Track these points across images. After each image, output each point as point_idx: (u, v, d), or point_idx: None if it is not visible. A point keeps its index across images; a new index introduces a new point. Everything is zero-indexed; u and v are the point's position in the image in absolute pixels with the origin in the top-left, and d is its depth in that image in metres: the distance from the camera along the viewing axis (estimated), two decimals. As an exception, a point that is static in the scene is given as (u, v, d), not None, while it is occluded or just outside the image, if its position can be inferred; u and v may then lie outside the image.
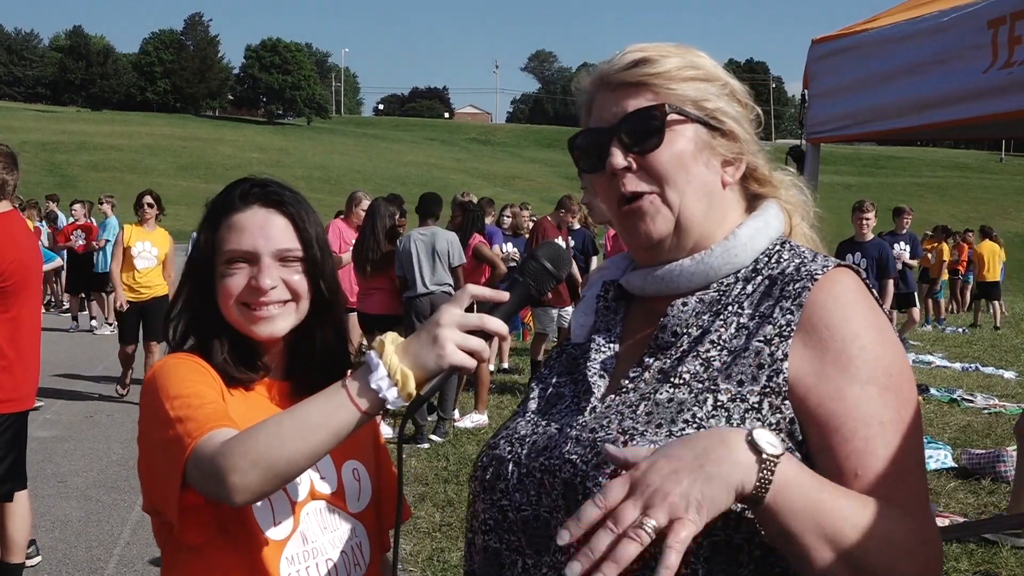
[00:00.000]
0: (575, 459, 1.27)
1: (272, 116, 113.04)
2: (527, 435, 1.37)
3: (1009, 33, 2.88)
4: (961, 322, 19.67)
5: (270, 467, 1.33)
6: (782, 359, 1.26)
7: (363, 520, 1.73)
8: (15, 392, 4.47)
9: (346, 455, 1.71)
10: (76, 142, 67.51)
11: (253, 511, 1.56)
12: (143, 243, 9.54)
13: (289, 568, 1.58)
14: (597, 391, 1.37)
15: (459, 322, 1.31)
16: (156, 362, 1.64)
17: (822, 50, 3.95)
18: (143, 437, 1.58)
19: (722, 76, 1.40)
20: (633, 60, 1.36)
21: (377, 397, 1.32)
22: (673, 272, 1.39)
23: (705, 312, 1.36)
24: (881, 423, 1.22)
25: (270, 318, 1.62)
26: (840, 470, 1.21)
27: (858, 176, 71.88)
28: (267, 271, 1.61)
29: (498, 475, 1.35)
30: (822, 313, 1.27)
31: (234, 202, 1.66)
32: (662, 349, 1.36)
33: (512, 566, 1.31)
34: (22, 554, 4.79)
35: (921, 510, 1.22)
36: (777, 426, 1.24)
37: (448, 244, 8.25)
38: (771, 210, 1.43)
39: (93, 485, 6.91)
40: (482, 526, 1.36)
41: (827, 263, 1.33)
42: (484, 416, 8.76)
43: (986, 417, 9.56)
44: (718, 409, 1.25)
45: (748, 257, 1.38)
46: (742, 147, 1.40)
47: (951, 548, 5.52)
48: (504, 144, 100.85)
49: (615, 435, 1.26)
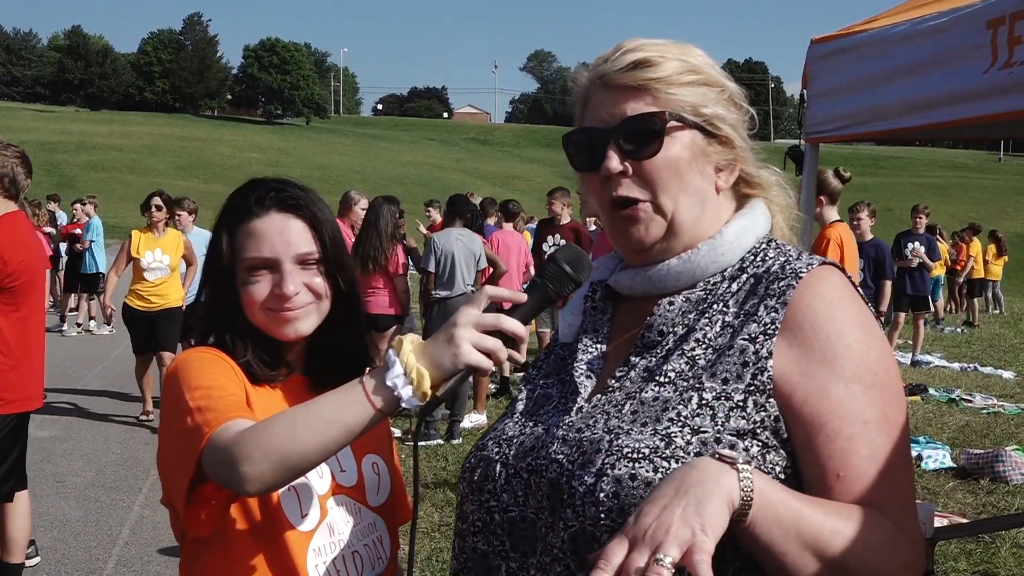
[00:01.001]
0: (561, 459, 1.27)
1: (271, 116, 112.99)
2: (514, 436, 1.38)
3: (1009, 33, 2.88)
4: (959, 321, 19.69)
5: (283, 459, 1.33)
6: (767, 357, 1.26)
7: (383, 515, 1.75)
8: (23, 391, 4.49)
9: (366, 449, 1.73)
10: (75, 142, 67.47)
11: (281, 502, 1.58)
12: (153, 252, 8.62)
13: (316, 559, 1.59)
14: (584, 391, 1.37)
15: (476, 322, 1.30)
16: (179, 354, 1.65)
17: (821, 50, 3.95)
18: (163, 428, 1.60)
19: (720, 80, 1.40)
20: (633, 61, 1.35)
21: (392, 395, 1.32)
22: (660, 272, 1.39)
23: (691, 311, 1.36)
24: (864, 422, 1.23)
25: (295, 320, 1.65)
26: (823, 469, 1.22)
27: (857, 176, 71.43)
28: (289, 278, 1.63)
29: (486, 476, 1.36)
30: (807, 311, 1.28)
31: (251, 208, 1.66)
32: (648, 348, 1.36)
33: (497, 570, 1.32)
34: (22, 554, 4.79)
35: (904, 509, 1.23)
36: (762, 424, 1.24)
37: (481, 247, 8.49)
38: (757, 208, 1.44)
39: (92, 485, 6.91)
40: (470, 528, 1.37)
41: (812, 261, 1.34)
42: (483, 416, 8.76)
43: (984, 417, 9.57)
44: (703, 407, 1.25)
45: (734, 256, 1.38)
46: (736, 153, 1.41)
47: (950, 548, 5.52)
48: (503, 144, 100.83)
49: (600, 434, 1.26)
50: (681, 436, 1.22)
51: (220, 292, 1.68)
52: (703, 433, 1.23)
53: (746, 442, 1.23)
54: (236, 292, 1.66)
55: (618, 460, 1.21)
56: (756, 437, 1.24)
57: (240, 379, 1.61)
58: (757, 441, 1.24)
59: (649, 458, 1.20)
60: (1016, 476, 6.96)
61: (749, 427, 1.24)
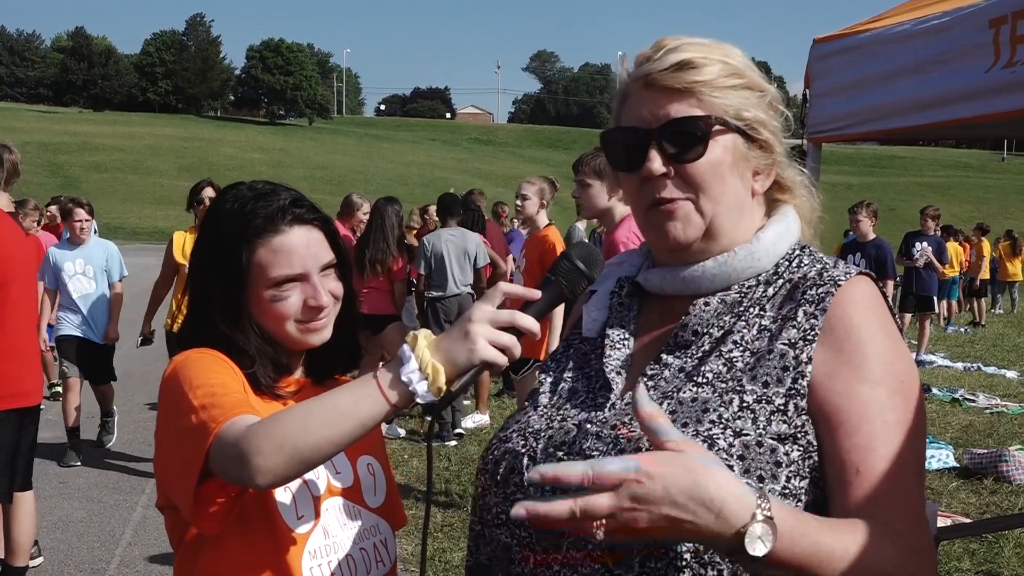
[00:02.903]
0: (597, 455, 1.26)
1: (274, 117, 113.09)
2: (542, 429, 1.37)
3: (1011, 32, 2.88)
4: (964, 321, 19.67)
5: (296, 451, 1.33)
6: (807, 362, 1.28)
7: (385, 517, 1.74)
8: (9, 388, 4.36)
9: (360, 450, 1.72)
10: (78, 143, 67.60)
11: (277, 505, 1.58)
12: None
13: (312, 562, 1.59)
14: (616, 387, 1.37)
15: (490, 318, 1.30)
16: (177, 356, 1.64)
17: (823, 50, 3.94)
18: (162, 429, 1.58)
19: (760, 83, 1.40)
20: (677, 62, 1.33)
21: (407, 390, 1.31)
22: (695, 272, 1.39)
23: (726, 313, 1.36)
24: (885, 422, 1.24)
25: (324, 328, 1.68)
26: (844, 463, 1.23)
27: (860, 176, 71.86)
28: (320, 289, 1.65)
29: (512, 469, 1.34)
30: (843, 317, 1.29)
31: (275, 224, 1.64)
32: (681, 347, 1.36)
33: (524, 562, 1.31)
34: (26, 557, 4.78)
35: (914, 515, 1.24)
36: (802, 428, 1.25)
37: (476, 246, 8.41)
38: (790, 215, 1.45)
39: (95, 486, 6.91)
40: (495, 520, 1.35)
41: (849, 270, 1.36)
42: (486, 416, 8.77)
43: (988, 417, 9.56)
44: (744, 410, 1.26)
45: (770, 261, 1.39)
46: (774, 158, 1.41)
47: (953, 547, 5.51)
48: (505, 144, 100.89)
49: (638, 433, 1.25)
50: (723, 438, 1.22)
51: (233, 307, 1.65)
52: (745, 436, 1.23)
53: (787, 446, 1.24)
54: (249, 307, 1.65)
55: None
56: (797, 441, 1.25)
57: (240, 378, 1.61)
58: (798, 446, 1.24)
59: None
60: (1019, 476, 6.96)
61: (791, 431, 1.25)
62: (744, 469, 1.20)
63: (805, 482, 1.24)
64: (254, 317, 1.66)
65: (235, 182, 1.77)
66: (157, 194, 53.94)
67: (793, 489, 1.23)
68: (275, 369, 1.68)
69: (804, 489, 1.24)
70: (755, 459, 1.21)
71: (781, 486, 1.22)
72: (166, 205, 49.05)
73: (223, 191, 1.75)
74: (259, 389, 1.65)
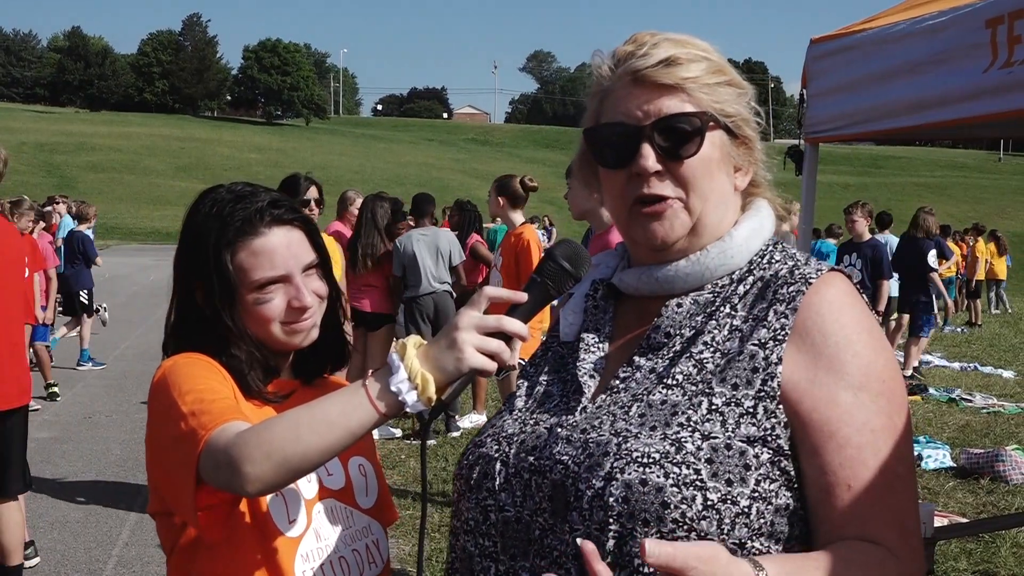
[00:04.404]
0: (566, 460, 1.26)
1: (270, 117, 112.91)
2: (515, 433, 1.36)
3: (1008, 33, 2.88)
4: (960, 321, 19.68)
5: (285, 460, 1.33)
6: (776, 363, 1.26)
7: (377, 517, 1.74)
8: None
9: (351, 451, 1.71)
10: (75, 143, 67.46)
11: (269, 509, 1.57)
12: None
13: (304, 565, 1.59)
14: (588, 391, 1.37)
15: (477, 324, 1.29)
16: (166, 361, 1.63)
17: (820, 50, 3.94)
18: (153, 436, 1.58)
19: (740, 81, 1.40)
20: (664, 59, 1.33)
21: (396, 400, 1.31)
22: (668, 273, 1.38)
23: (699, 313, 1.35)
24: (873, 431, 1.24)
25: (310, 328, 1.68)
26: (835, 477, 1.23)
27: (857, 176, 71.88)
28: (303, 289, 1.64)
29: (485, 474, 1.34)
30: (816, 318, 1.28)
31: (254, 226, 1.63)
32: (653, 349, 1.35)
33: (485, 572, 1.30)
34: (19, 556, 4.75)
35: (905, 529, 1.24)
36: (772, 430, 1.24)
37: (449, 243, 8.45)
38: (764, 210, 1.44)
39: (92, 486, 6.90)
40: (464, 526, 1.35)
41: (820, 267, 1.34)
42: (483, 416, 8.75)
43: (985, 416, 9.57)
44: (712, 412, 1.25)
45: (743, 259, 1.38)
46: (754, 155, 1.42)
47: (950, 547, 5.52)
48: (502, 144, 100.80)
49: (607, 436, 1.25)
50: (691, 441, 1.22)
51: (218, 312, 1.63)
52: (714, 439, 1.22)
53: (756, 449, 1.23)
54: (233, 311, 1.63)
55: (627, 464, 1.20)
56: (767, 444, 1.24)
57: (230, 383, 1.60)
58: (768, 448, 1.24)
59: (659, 463, 1.19)
60: (1016, 475, 6.97)
61: (760, 434, 1.24)
62: (712, 473, 1.20)
63: (775, 485, 1.23)
64: (239, 321, 1.64)
65: (213, 185, 1.74)
66: (154, 194, 53.86)
67: (763, 492, 1.22)
68: (264, 372, 1.67)
69: (774, 492, 1.23)
70: (723, 462, 1.21)
71: (751, 489, 1.21)
72: (163, 205, 49.00)
73: (201, 195, 1.72)
74: (249, 393, 1.64)
